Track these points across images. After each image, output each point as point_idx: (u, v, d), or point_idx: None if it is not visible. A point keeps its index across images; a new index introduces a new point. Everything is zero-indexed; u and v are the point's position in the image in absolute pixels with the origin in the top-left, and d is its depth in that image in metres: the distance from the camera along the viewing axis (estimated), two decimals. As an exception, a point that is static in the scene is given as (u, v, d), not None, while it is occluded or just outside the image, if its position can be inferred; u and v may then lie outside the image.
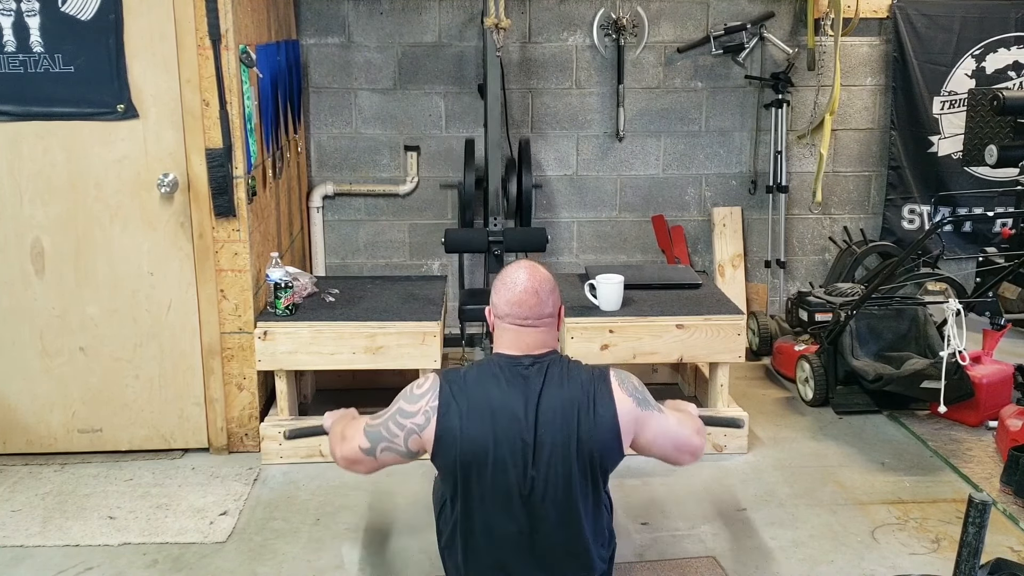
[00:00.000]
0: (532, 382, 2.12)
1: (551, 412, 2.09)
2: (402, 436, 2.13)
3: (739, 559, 2.76)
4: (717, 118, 4.75)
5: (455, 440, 2.07)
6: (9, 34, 3.08)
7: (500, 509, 2.11)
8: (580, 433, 2.08)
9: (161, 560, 2.76)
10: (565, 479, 2.10)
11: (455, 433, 2.07)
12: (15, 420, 3.37)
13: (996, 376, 3.65)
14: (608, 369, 2.20)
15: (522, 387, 2.11)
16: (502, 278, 2.21)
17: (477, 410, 2.08)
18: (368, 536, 2.90)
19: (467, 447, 2.07)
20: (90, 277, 3.28)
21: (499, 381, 2.12)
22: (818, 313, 4.01)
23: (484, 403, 2.09)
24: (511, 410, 2.08)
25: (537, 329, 2.17)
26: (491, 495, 2.10)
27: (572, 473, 2.10)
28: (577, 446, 2.08)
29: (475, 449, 2.07)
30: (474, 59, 4.58)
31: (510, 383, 2.11)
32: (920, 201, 4.85)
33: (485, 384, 2.12)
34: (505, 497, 2.10)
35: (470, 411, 2.08)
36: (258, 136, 3.48)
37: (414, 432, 2.11)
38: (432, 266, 4.82)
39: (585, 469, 2.10)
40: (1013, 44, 4.71)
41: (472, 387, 2.11)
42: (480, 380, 2.13)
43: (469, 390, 2.11)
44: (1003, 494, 3.11)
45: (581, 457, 2.09)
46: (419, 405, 2.11)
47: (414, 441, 2.12)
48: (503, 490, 2.09)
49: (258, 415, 3.43)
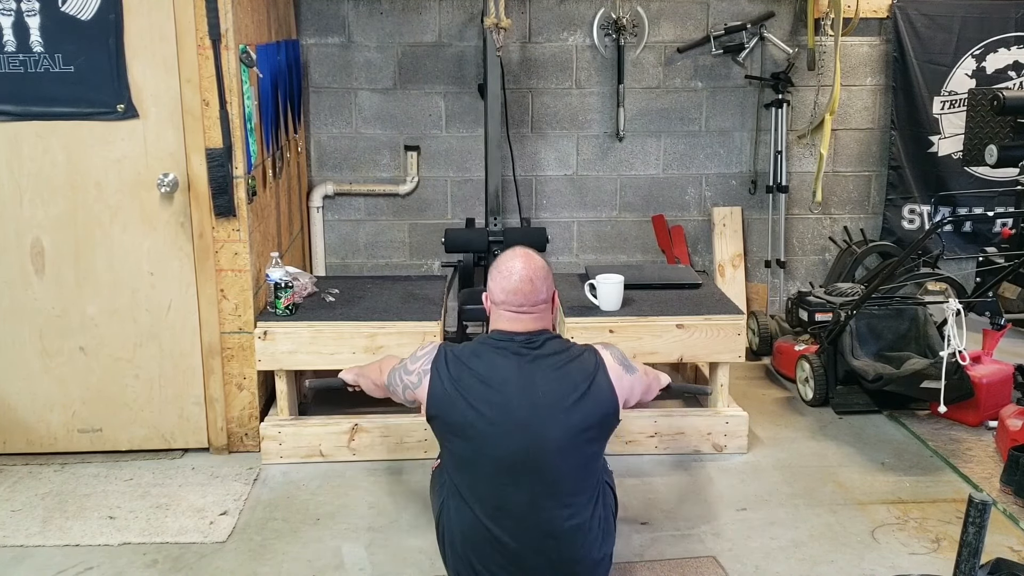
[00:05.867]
0: (525, 354, 2.27)
1: (546, 383, 2.23)
2: (401, 388, 2.42)
3: (739, 559, 2.76)
4: (717, 118, 4.75)
5: (440, 404, 2.27)
6: (9, 34, 3.08)
7: (495, 478, 2.22)
8: (582, 403, 2.23)
9: (161, 560, 2.76)
10: (563, 448, 2.20)
11: (440, 398, 2.27)
12: (15, 420, 3.37)
13: (996, 376, 3.65)
14: (594, 345, 2.41)
15: (516, 359, 2.26)
16: (498, 266, 2.36)
17: (467, 379, 2.25)
18: (368, 536, 2.90)
19: (451, 412, 2.25)
20: (90, 277, 3.28)
21: (492, 352, 2.28)
22: (818, 313, 4.01)
23: (476, 373, 2.25)
24: (503, 380, 2.23)
25: (532, 315, 2.33)
26: (485, 464, 2.22)
27: (569, 438, 2.21)
28: (578, 415, 2.22)
29: (459, 415, 2.23)
30: (474, 59, 4.58)
31: (503, 355, 2.27)
32: (920, 201, 4.85)
33: (479, 354, 2.29)
34: (499, 467, 2.21)
35: (459, 379, 2.26)
36: (258, 136, 3.48)
37: (409, 388, 2.38)
38: (432, 266, 4.82)
39: (579, 435, 2.24)
40: (1013, 44, 4.71)
41: (466, 357, 2.30)
42: (475, 351, 2.31)
43: (462, 359, 2.30)
44: (1003, 494, 3.11)
45: (576, 425, 2.23)
46: (416, 366, 2.36)
47: (410, 394, 2.40)
48: (496, 458, 2.21)
49: (258, 415, 3.43)
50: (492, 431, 2.20)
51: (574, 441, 2.23)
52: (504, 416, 2.20)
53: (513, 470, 2.20)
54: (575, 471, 2.25)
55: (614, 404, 2.30)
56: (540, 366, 2.26)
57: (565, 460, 2.23)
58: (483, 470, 2.24)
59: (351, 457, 3.39)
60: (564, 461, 2.23)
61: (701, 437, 3.45)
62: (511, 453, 2.20)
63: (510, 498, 2.22)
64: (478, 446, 2.22)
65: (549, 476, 2.22)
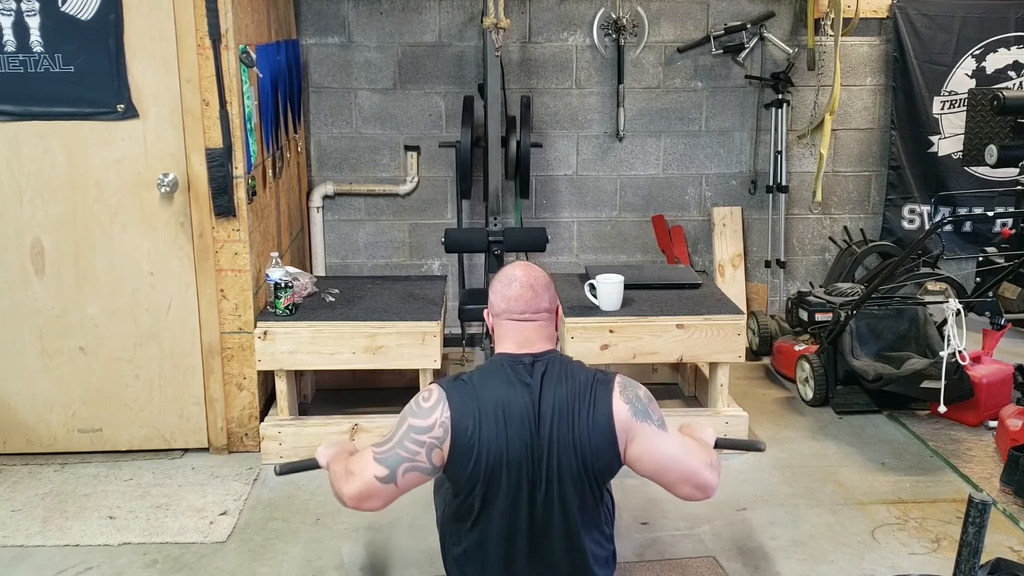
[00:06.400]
0: (535, 379, 2.11)
1: (553, 410, 2.09)
2: (424, 452, 2.04)
3: (739, 559, 2.76)
4: (717, 118, 4.75)
5: (474, 448, 2.03)
6: (9, 34, 3.08)
7: (512, 510, 2.10)
8: (576, 432, 2.07)
9: (161, 560, 2.76)
10: (568, 478, 2.10)
11: (473, 442, 2.03)
12: (15, 420, 3.37)
13: (996, 376, 3.66)
14: (616, 376, 2.17)
15: (526, 385, 2.09)
16: (498, 278, 2.24)
17: (488, 413, 2.05)
18: (368, 536, 2.90)
19: (488, 454, 2.03)
20: (90, 277, 3.28)
21: (503, 380, 2.10)
22: (818, 313, 4.01)
23: (493, 405, 2.06)
24: (519, 408, 2.06)
25: (535, 323, 2.17)
26: (506, 496, 2.09)
27: (573, 472, 2.10)
28: (574, 445, 2.08)
29: (494, 454, 2.04)
30: (474, 59, 4.58)
31: (514, 382, 2.10)
32: (920, 201, 4.85)
33: (491, 385, 2.09)
34: (517, 497, 2.09)
35: (483, 416, 2.04)
36: (258, 136, 3.48)
37: (435, 446, 2.04)
38: (432, 266, 4.82)
39: (581, 469, 2.10)
40: (1013, 44, 4.71)
41: (479, 390, 2.08)
42: (484, 382, 2.10)
43: (477, 394, 2.07)
44: (1003, 494, 3.11)
45: (578, 456, 2.09)
46: (433, 418, 2.04)
47: (437, 455, 2.05)
48: (516, 490, 2.08)
49: (258, 415, 3.43)
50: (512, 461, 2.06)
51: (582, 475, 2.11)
52: (518, 446, 2.06)
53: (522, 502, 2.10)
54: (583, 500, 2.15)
55: (609, 438, 2.07)
56: (547, 396, 2.09)
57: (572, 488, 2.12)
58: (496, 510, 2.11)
59: (351, 457, 3.38)
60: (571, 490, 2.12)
61: (701, 437, 3.44)
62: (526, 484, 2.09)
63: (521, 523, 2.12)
64: (493, 484, 2.08)
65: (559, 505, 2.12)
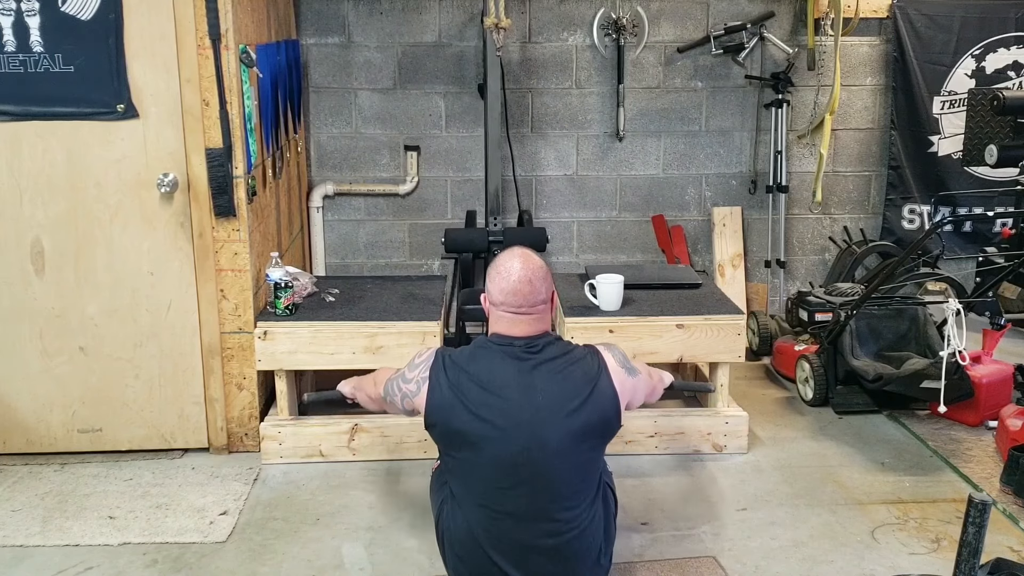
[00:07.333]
0: (525, 358, 2.24)
1: (547, 387, 2.21)
2: (399, 397, 2.37)
3: (739, 559, 2.76)
4: (717, 118, 4.75)
5: (439, 412, 2.24)
6: (9, 34, 3.08)
7: (494, 482, 2.21)
8: (584, 408, 2.21)
9: (161, 560, 2.76)
10: (560, 452, 2.19)
11: (439, 405, 2.24)
12: (15, 420, 3.37)
13: (996, 376, 3.66)
14: (595, 347, 2.38)
15: (515, 363, 2.24)
16: (496, 267, 2.33)
17: (466, 385, 2.22)
18: (368, 536, 2.90)
19: (450, 419, 2.22)
20: (90, 277, 3.28)
21: (491, 357, 2.26)
22: (818, 313, 4.01)
23: (475, 378, 2.22)
24: (502, 384, 2.21)
25: (531, 316, 2.30)
26: (485, 468, 2.21)
27: (568, 447, 2.20)
28: (579, 419, 2.21)
29: (459, 422, 2.21)
30: (474, 59, 4.58)
31: (502, 359, 2.25)
32: (920, 201, 4.85)
33: (478, 359, 2.27)
34: (499, 471, 2.20)
35: (458, 385, 2.23)
36: (258, 136, 3.48)
37: (407, 396, 2.34)
38: (432, 266, 4.82)
39: (580, 441, 2.23)
40: (1013, 44, 4.71)
41: (464, 363, 2.27)
42: (473, 356, 2.29)
43: (461, 365, 2.27)
44: (1003, 494, 3.11)
45: (582, 429, 2.22)
46: (415, 374, 2.33)
47: (408, 403, 2.35)
48: (495, 463, 2.20)
49: (258, 415, 3.43)
50: (491, 436, 2.19)
51: (575, 446, 2.22)
52: (503, 421, 2.18)
53: (512, 474, 2.20)
54: (575, 474, 2.25)
55: (616, 408, 2.29)
56: (541, 371, 2.24)
57: (565, 464, 2.22)
58: (482, 474, 2.23)
59: (351, 457, 3.39)
60: (564, 465, 2.22)
61: (701, 437, 3.45)
62: (510, 456, 2.19)
63: (509, 501, 2.21)
64: (477, 451, 2.21)
65: (549, 479, 2.21)
